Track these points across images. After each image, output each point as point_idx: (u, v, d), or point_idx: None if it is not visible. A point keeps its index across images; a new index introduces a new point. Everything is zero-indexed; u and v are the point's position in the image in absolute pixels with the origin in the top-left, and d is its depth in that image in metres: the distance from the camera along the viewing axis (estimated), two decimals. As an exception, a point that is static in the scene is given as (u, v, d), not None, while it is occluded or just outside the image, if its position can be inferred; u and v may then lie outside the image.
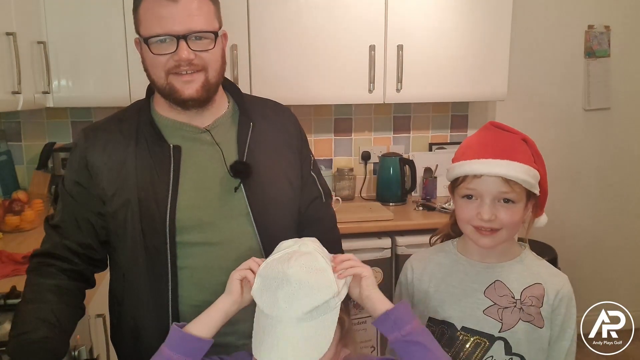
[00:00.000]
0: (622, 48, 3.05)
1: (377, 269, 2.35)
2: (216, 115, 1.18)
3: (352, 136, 2.87)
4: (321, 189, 1.33)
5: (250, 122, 1.19)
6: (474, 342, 1.09)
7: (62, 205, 1.16)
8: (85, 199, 1.13)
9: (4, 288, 1.48)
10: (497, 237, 1.07)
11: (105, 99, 2.30)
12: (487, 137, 1.10)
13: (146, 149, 1.12)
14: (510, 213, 1.05)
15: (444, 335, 1.12)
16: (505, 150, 1.05)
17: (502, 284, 1.10)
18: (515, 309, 1.08)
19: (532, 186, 1.06)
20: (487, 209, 1.04)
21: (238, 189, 1.13)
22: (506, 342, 1.07)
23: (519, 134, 1.10)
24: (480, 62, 2.54)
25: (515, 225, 1.07)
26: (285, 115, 1.30)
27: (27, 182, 2.54)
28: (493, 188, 1.04)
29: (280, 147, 1.23)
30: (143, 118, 1.15)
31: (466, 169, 1.07)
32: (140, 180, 1.10)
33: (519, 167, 1.04)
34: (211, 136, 1.16)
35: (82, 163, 1.13)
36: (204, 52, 1.07)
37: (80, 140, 1.16)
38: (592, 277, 3.07)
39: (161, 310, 1.11)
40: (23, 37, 1.95)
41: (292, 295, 0.87)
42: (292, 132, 1.28)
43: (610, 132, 3.13)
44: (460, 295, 1.12)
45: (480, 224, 1.06)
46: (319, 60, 2.41)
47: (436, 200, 2.72)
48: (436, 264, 1.18)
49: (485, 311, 1.09)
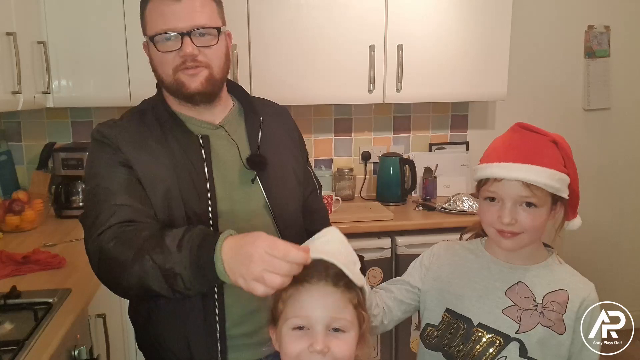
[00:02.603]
0: (622, 48, 3.06)
1: (377, 269, 2.35)
2: (225, 112, 1.23)
3: (352, 136, 2.87)
4: (316, 183, 1.43)
5: (260, 117, 1.25)
6: (489, 339, 1.08)
7: (109, 185, 1.06)
8: (133, 174, 1.08)
9: (4, 288, 1.48)
10: (518, 241, 1.07)
11: (105, 99, 2.30)
12: (512, 139, 1.09)
13: (174, 140, 1.13)
14: (531, 217, 1.04)
15: (459, 329, 1.12)
16: (529, 153, 1.04)
17: (524, 286, 1.09)
18: (535, 312, 1.07)
19: (558, 190, 1.04)
20: (507, 212, 1.04)
21: (255, 181, 1.17)
22: (522, 344, 1.06)
23: (548, 135, 1.08)
24: (480, 62, 2.54)
25: (537, 229, 1.06)
26: (285, 113, 1.37)
27: (27, 182, 2.54)
28: (513, 192, 1.04)
29: (287, 142, 1.30)
30: (162, 112, 1.16)
31: (488, 172, 1.08)
32: (178, 169, 1.11)
33: (541, 171, 1.02)
34: (225, 131, 1.20)
35: (116, 152, 1.10)
36: (207, 49, 1.10)
37: (105, 133, 1.12)
38: (592, 277, 3.04)
39: (208, 301, 1.11)
40: (23, 37, 1.95)
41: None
42: (293, 129, 1.36)
43: (610, 132, 3.13)
44: (481, 291, 1.12)
45: (501, 227, 1.06)
46: (319, 61, 2.41)
47: (436, 200, 2.72)
48: (462, 257, 1.19)
49: (504, 310, 1.08)
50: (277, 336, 0.93)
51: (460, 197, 2.51)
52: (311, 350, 0.86)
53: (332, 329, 0.88)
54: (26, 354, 1.17)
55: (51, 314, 1.37)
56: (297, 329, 0.88)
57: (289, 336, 0.89)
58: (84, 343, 1.45)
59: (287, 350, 0.89)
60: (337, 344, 0.87)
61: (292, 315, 0.88)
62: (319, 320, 0.87)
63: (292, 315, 0.88)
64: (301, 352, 0.87)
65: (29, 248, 1.86)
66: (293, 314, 0.88)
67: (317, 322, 0.87)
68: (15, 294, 1.46)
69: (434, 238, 2.35)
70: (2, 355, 1.15)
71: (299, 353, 0.87)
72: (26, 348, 1.19)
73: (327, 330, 0.87)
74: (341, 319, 0.88)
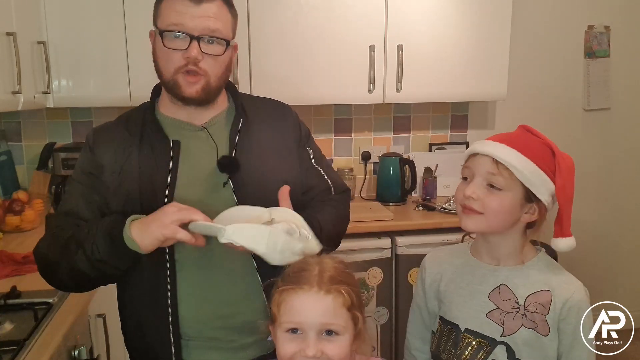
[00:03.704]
0: (622, 48, 3.06)
1: (377, 269, 2.35)
2: (214, 113, 1.22)
3: (352, 136, 2.87)
4: (330, 182, 1.33)
5: (241, 119, 1.22)
6: (476, 344, 1.08)
7: (72, 194, 1.17)
8: (95, 185, 1.15)
9: (4, 288, 1.49)
10: (477, 221, 1.06)
11: (105, 99, 2.30)
12: (513, 132, 1.10)
13: (149, 145, 1.16)
14: (494, 199, 1.03)
15: (450, 336, 1.12)
16: (517, 142, 1.04)
17: (507, 288, 1.08)
18: (517, 315, 1.06)
19: (530, 183, 1.02)
20: (471, 185, 1.05)
21: (227, 184, 1.15)
22: (508, 347, 1.06)
23: (544, 140, 1.07)
24: (480, 62, 2.54)
25: (498, 214, 1.04)
26: (285, 114, 1.31)
27: (27, 182, 2.54)
28: (481, 167, 1.04)
29: (275, 145, 1.24)
30: (148, 117, 1.19)
31: (470, 148, 1.09)
32: (141, 174, 1.13)
33: (512, 152, 1.02)
34: (208, 133, 1.19)
35: (91, 157, 1.18)
36: (211, 57, 1.11)
37: (90, 137, 1.21)
38: (592, 277, 3.03)
39: (161, 300, 1.13)
40: (23, 37, 1.95)
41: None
42: (290, 130, 1.29)
43: (610, 132, 3.13)
44: (466, 296, 1.11)
45: (464, 201, 1.06)
46: (319, 60, 2.41)
47: (436, 200, 2.72)
48: (449, 263, 1.18)
49: (488, 314, 1.08)
50: (273, 334, 0.96)
51: (460, 197, 2.50)
52: (303, 355, 0.89)
53: (326, 332, 0.91)
54: (26, 354, 1.17)
55: (51, 314, 1.37)
56: (291, 332, 0.92)
57: (283, 339, 0.92)
58: (84, 343, 1.45)
59: (281, 352, 0.93)
60: (330, 347, 0.90)
61: (285, 320, 0.92)
62: (311, 326, 0.90)
63: (285, 320, 0.92)
64: (294, 355, 0.90)
65: (29, 248, 1.85)
66: (286, 318, 0.92)
67: (309, 327, 0.90)
68: (15, 294, 1.47)
69: (433, 238, 2.35)
70: (2, 355, 1.15)
71: (292, 355, 0.91)
72: (26, 348, 1.19)
73: (320, 335, 0.90)
74: (333, 324, 0.91)
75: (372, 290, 2.35)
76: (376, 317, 2.38)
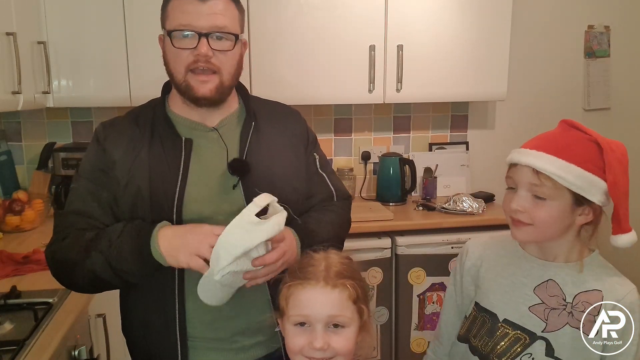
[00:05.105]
0: (622, 48, 3.06)
1: (377, 269, 2.35)
2: (225, 114, 1.21)
3: (352, 136, 2.87)
4: (333, 188, 1.33)
5: (253, 122, 1.22)
6: (513, 336, 1.07)
7: (80, 192, 1.15)
8: (105, 182, 1.14)
9: (4, 288, 1.49)
10: (527, 232, 1.04)
11: (105, 99, 2.30)
12: (552, 132, 1.07)
13: (160, 142, 1.16)
14: (540, 210, 1.01)
15: (485, 324, 1.11)
16: (557, 146, 1.01)
17: (554, 284, 1.05)
18: (563, 312, 1.03)
19: (580, 189, 0.99)
20: (516, 198, 1.03)
21: (236, 186, 1.15)
22: (548, 344, 1.04)
23: (589, 134, 1.03)
24: (480, 62, 2.54)
25: (547, 224, 1.02)
26: (293, 118, 1.31)
27: (27, 182, 2.54)
28: (524, 178, 1.02)
29: (284, 150, 1.24)
30: (158, 114, 1.19)
31: (509, 157, 1.07)
32: (152, 170, 1.13)
33: (554, 160, 0.99)
34: (219, 134, 1.19)
35: (101, 152, 1.16)
36: (221, 53, 1.11)
37: (100, 132, 1.19)
38: None
39: (168, 301, 1.13)
40: (23, 37, 1.95)
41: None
42: (299, 135, 1.29)
43: (610, 132, 3.07)
44: (508, 287, 1.10)
45: (512, 215, 1.04)
46: (319, 60, 2.41)
47: (436, 200, 2.72)
48: (493, 251, 1.17)
49: (531, 308, 1.06)
50: (282, 327, 1.00)
51: (460, 197, 2.51)
52: (311, 347, 0.93)
53: (332, 325, 0.94)
54: (26, 354, 1.17)
55: (51, 314, 1.37)
56: (299, 325, 0.96)
57: (292, 332, 0.97)
58: (84, 343, 1.45)
59: (290, 345, 0.97)
60: (337, 339, 0.94)
61: (293, 313, 0.96)
62: (318, 319, 0.94)
63: (293, 313, 0.96)
64: (303, 347, 0.95)
65: (29, 248, 1.87)
66: (294, 312, 0.96)
67: (316, 320, 0.94)
68: (15, 294, 1.47)
69: (434, 238, 2.35)
70: (2, 355, 1.15)
71: (301, 348, 0.95)
72: (26, 348, 1.19)
73: (327, 327, 0.94)
74: (340, 317, 0.94)
75: (372, 290, 2.35)
76: (376, 317, 2.39)
